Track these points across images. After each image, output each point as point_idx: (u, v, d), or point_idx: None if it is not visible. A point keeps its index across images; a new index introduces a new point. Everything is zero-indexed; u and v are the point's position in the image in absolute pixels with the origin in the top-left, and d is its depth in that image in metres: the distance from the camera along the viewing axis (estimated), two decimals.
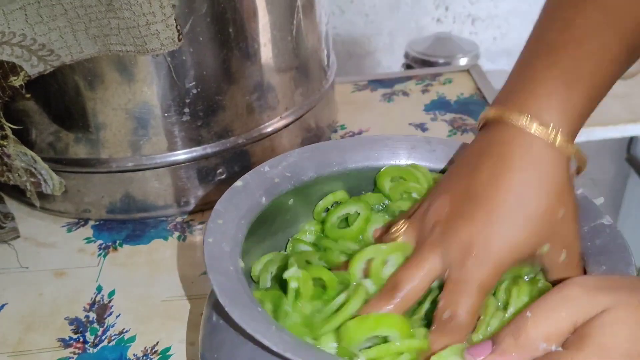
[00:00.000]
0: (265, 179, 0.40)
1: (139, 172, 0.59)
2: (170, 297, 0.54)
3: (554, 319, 0.29)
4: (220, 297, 0.30)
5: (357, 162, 0.44)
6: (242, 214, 0.37)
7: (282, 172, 0.41)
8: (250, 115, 0.61)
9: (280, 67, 0.62)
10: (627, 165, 1.80)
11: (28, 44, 0.49)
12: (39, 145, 0.58)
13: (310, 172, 0.42)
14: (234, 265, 0.34)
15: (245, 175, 0.40)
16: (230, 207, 0.37)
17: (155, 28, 0.49)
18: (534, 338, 0.29)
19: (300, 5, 0.62)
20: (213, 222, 0.36)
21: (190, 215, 0.63)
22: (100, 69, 0.53)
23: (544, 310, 0.30)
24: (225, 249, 0.34)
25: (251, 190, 0.39)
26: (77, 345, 0.49)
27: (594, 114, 0.38)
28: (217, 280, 0.31)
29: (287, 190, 0.41)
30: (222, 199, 0.38)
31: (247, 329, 0.29)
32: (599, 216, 0.39)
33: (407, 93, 0.86)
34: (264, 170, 0.41)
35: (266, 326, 0.30)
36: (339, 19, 1.64)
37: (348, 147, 0.44)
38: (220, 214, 0.36)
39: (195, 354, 0.48)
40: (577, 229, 0.37)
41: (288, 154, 0.43)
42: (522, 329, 0.30)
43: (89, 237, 0.61)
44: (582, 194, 0.40)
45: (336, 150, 0.44)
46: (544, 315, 0.30)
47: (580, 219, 0.38)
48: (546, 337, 0.29)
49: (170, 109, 0.56)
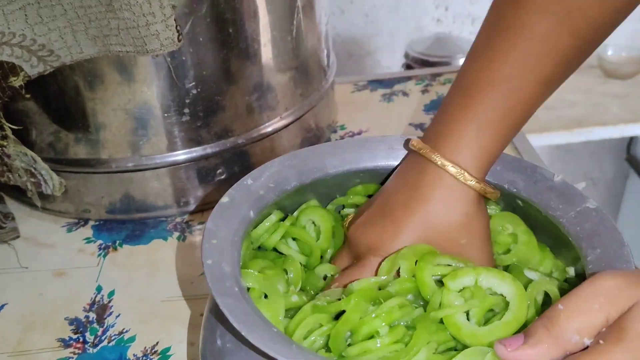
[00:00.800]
0: (249, 192, 0.41)
1: (139, 173, 0.59)
2: (170, 297, 0.54)
3: (587, 312, 0.29)
4: (235, 323, 0.30)
5: (337, 167, 0.44)
6: (233, 231, 0.38)
7: (266, 183, 0.42)
8: (250, 115, 0.61)
9: (280, 67, 0.62)
10: (627, 165, 1.80)
11: (28, 45, 0.49)
12: (39, 145, 0.58)
13: (292, 181, 0.43)
14: (238, 286, 0.34)
15: (230, 191, 0.40)
16: (221, 224, 0.37)
17: (155, 28, 0.49)
18: (567, 330, 0.29)
19: (300, 5, 0.62)
20: (208, 243, 0.36)
21: (190, 216, 0.63)
22: (100, 70, 0.53)
23: (577, 303, 0.30)
24: (226, 269, 0.34)
25: (238, 205, 0.39)
26: (77, 346, 0.49)
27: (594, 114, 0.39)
28: (225, 304, 0.31)
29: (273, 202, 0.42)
30: (212, 216, 0.38)
31: (269, 352, 0.29)
32: (583, 200, 0.39)
33: (407, 93, 0.86)
34: (248, 183, 0.41)
35: (287, 347, 0.30)
36: (339, 19, 1.64)
37: (327, 152, 0.45)
38: (213, 233, 0.36)
39: (195, 354, 0.48)
40: (486, 254, 0.40)
41: (269, 164, 0.43)
42: (555, 321, 0.30)
43: (89, 237, 0.61)
44: (561, 179, 0.41)
45: (315, 156, 0.44)
46: (577, 308, 0.30)
47: (564, 205, 0.40)
48: (579, 330, 0.29)
49: (170, 109, 0.56)
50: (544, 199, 0.41)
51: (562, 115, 1.46)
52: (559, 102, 1.51)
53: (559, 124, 1.44)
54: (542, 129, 1.42)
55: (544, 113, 1.49)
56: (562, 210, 0.40)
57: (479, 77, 0.38)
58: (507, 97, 0.37)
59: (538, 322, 0.31)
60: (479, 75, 0.38)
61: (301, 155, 0.44)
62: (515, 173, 0.43)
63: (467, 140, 0.38)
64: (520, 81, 0.37)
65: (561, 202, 0.40)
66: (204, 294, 0.53)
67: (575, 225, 0.38)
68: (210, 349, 0.36)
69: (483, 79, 0.38)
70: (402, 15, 1.66)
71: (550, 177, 0.42)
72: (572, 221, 0.39)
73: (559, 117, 1.46)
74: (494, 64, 0.38)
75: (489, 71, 0.38)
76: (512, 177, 0.43)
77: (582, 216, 0.38)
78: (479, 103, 0.38)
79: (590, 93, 1.54)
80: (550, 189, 0.41)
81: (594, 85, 1.56)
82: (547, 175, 0.42)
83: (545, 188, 0.41)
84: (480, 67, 0.38)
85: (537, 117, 0.39)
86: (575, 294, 0.30)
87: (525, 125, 0.40)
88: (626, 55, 1.57)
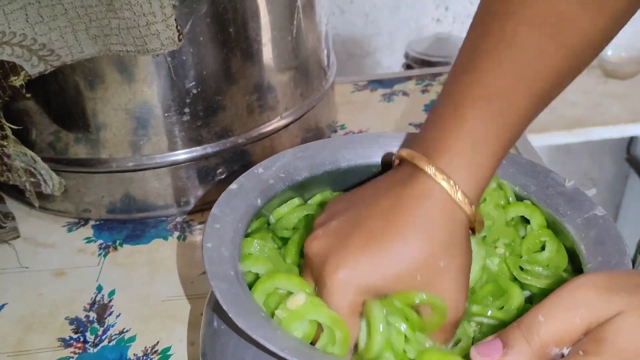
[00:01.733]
0: (259, 180, 0.41)
1: (139, 172, 0.59)
2: (171, 297, 0.54)
3: (568, 323, 0.29)
4: (224, 305, 0.31)
5: (349, 160, 0.44)
6: (238, 217, 0.38)
7: (276, 173, 0.42)
8: (250, 115, 0.61)
9: (280, 67, 0.62)
10: (627, 165, 1.81)
11: (28, 44, 0.49)
12: (39, 145, 0.58)
13: (304, 172, 0.43)
14: (235, 269, 0.34)
15: (240, 178, 0.40)
16: (226, 210, 0.37)
17: (155, 28, 0.49)
18: (547, 343, 0.29)
19: (300, 5, 0.62)
20: (210, 227, 0.36)
21: (190, 215, 0.63)
22: (100, 69, 0.53)
23: (557, 314, 0.29)
24: (225, 253, 0.34)
25: (246, 192, 0.39)
26: (77, 345, 0.49)
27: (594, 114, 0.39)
28: (218, 287, 0.31)
29: (282, 191, 0.41)
30: (219, 202, 0.38)
31: (253, 335, 0.29)
32: (591, 207, 0.39)
33: (407, 93, 0.86)
34: (258, 172, 0.41)
35: (271, 332, 0.30)
36: (339, 19, 1.64)
37: (340, 145, 0.45)
38: (217, 218, 0.37)
39: (195, 354, 0.48)
40: (461, 286, 0.36)
41: (281, 155, 0.43)
42: (534, 332, 0.29)
43: (89, 237, 0.61)
44: (573, 185, 0.41)
45: (328, 149, 0.44)
46: (557, 319, 0.29)
47: (572, 211, 0.39)
48: (559, 342, 0.29)
49: (171, 109, 0.56)
50: (553, 203, 0.41)
51: (562, 115, 1.47)
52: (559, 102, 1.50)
53: (559, 124, 1.44)
54: (542, 129, 1.42)
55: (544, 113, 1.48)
56: (570, 217, 0.39)
57: (471, 90, 0.36)
58: (501, 112, 0.36)
59: (517, 331, 0.30)
60: (471, 88, 0.36)
61: (313, 147, 0.44)
62: (527, 177, 0.43)
63: (463, 156, 0.35)
64: (513, 96, 0.36)
65: (570, 208, 0.40)
66: (204, 293, 0.53)
67: (581, 232, 0.38)
68: (211, 351, 0.36)
69: (476, 92, 0.36)
70: (402, 15, 1.66)
71: (562, 183, 0.42)
72: (578, 227, 0.39)
73: (559, 117, 1.46)
74: (486, 78, 0.36)
75: (481, 84, 0.36)
76: (524, 180, 0.43)
77: (589, 223, 0.38)
78: (474, 119, 0.36)
79: (590, 93, 1.54)
80: (561, 194, 0.41)
81: (594, 85, 1.56)
82: (559, 181, 0.42)
83: (555, 193, 0.41)
84: (471, 80, 0.36)
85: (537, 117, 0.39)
86: (554, 303, 0.29)
87: None
88: (626, 55, 1.57)
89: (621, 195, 1.85)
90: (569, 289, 0.30)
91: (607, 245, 0.37)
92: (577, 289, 0.29)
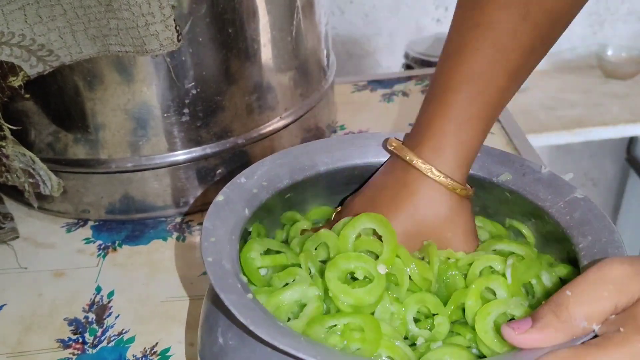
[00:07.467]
0: (243, 190, 0.41)
1: (138, 173, 0.59)
2: (170, 298, 0.53)
3: (596, 299, 0.29)
4: (242, 318, 0.30)
5: (327, 164, 0.45)
6: (230, 229, 0.38)
7: (259, 181, 0.42)
8: (249, 115, 0.61)
9: (280, 68, 0.62)
10: (627, 165, 1.80)
11: (27, 44, 0.49)
12: (37, 145, 0.58)
13: (285, 179, 0.43)
14: (240, 282, 0.34)
15: (224, 189, 0.40)
16: (217, 223, 0.38)
17: (154, 29, 0.49)
18: (575, 316, 0.29)
19: (300, 5, 0.62)
20: (207, 241, 0.36)
21: (189, 216, 0.63)
22: (99, 70, 0.53)
23: (585, 289, 0.30)
24: (227, 266, 0.35)
25: (233, 203, 0.40)
26: (76, 346, 0.49)
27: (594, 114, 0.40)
28: (230, 300, 0.32)
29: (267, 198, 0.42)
30: (209, 215, 0.38)
31: (281, 346, 0.29)
32: (571, 191, 0.40)
33: (407, 93, 0.86)
34: (241, 181, 0.41)
35: (295, 340, 0.30)
36: (339, 19, 1.64)
37: (317, 149, 0.45)
38: (211, 232, 0.37)
39: (194, 355, 0.48)
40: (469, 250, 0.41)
41: (261, 163, 0.43)
42: (563, 306, 0.30)
43: (88, 238, 0.61)
44: (548, 171, 0.42)
45: (306, 153, 0.45)
46: (585, 294, 0.30)
47: (553, 195, 0.40)
48: (587, 316, 0.29)
49: (170, 109, 0.56)
50: (533, 190, 0.41)
51: (562, 116, 1.46)
52: (559, 102, 1.51)
53: (559, 124, 1.44)
54: (542, 129, 1.42)
55: (544, 113, 1.49)
56: (551, 201, 0.40)
57: (453, 75, 0.40)
58: (481, 92, 0.39)
59: (546, 307, 0.31)
60: (453, 74, 0.40)
61: (292, 153, 0.45)
62: (503, 166, 0.44)
63: (448, 138, 0.40)
64: (491, 75, 0.39)
65: (549, 193, 0.41)
66: (204, 294, 0.53)
67: (565, 214, 0.39)
68: (209, 347, 0.36)
69: (457, 77, 0.40)
70: (402, 15, 1.66)
71: (538, 170, 0.42)
72: (561, 211, 0.39)
73: (559, 117, 1.46)
74: (466, 62, 0.40)
75: (462, 69, 0.40)
76: (500, 169, 0.43)
77: (571, 206, 0.39)
78: (457, 101, 0.40)
79: (590, 93, 1.54)
80: (538, 180, 0.42)
81: (594, 85, 1.56)
82: (535, 168, 0.43)
83: (533, 180, 0.42)
84: (453, 65, 0.40)
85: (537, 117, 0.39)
86: (582, 280, 0.30)
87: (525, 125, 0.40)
88: (626, 55, 1.57)
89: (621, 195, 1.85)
90: (596, 268, 0.30)
91: (594, 224, 0.37)
92: (604, 267, 0.30)
